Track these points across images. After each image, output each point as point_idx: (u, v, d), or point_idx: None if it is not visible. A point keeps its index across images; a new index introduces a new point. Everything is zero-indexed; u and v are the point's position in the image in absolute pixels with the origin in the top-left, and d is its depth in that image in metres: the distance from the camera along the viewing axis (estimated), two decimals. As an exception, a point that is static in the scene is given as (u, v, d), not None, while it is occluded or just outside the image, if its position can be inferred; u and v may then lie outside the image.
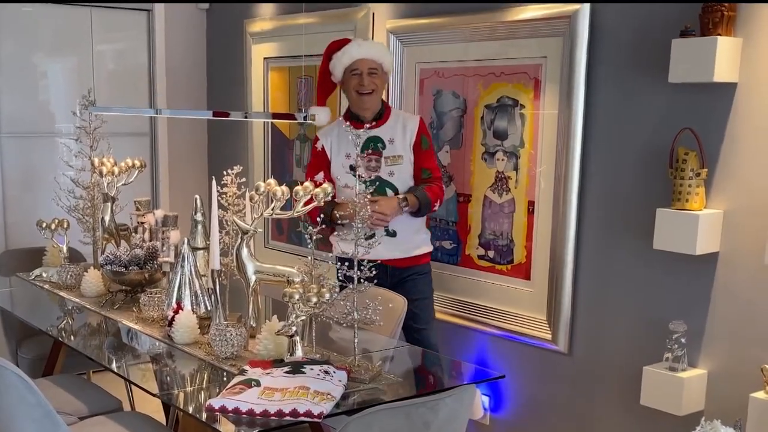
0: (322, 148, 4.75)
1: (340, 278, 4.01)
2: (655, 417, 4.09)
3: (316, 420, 2.99)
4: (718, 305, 3.89)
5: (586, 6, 4.23)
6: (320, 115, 4.48)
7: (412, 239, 4.72)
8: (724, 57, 3.63)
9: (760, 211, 3.69)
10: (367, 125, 4.09)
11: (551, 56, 4.44)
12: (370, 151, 4.53)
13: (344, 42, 4.65)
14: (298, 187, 3.82)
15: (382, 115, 4.66)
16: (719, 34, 3.62)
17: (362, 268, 3.47)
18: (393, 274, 4.66)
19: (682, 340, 3.90)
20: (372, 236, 3.92)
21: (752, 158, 3.72)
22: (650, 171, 4.07)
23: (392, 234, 4.61)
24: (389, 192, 4.60)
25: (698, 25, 3.72)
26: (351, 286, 3.47)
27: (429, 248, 4.83)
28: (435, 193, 4.62)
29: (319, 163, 4.75)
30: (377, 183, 4.50)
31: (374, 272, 3.88)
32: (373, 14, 5.43)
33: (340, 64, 4.58)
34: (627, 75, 4.14)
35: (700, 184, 3.80)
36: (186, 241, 4.09)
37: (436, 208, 4.66)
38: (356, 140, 3.92)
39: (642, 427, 4.20)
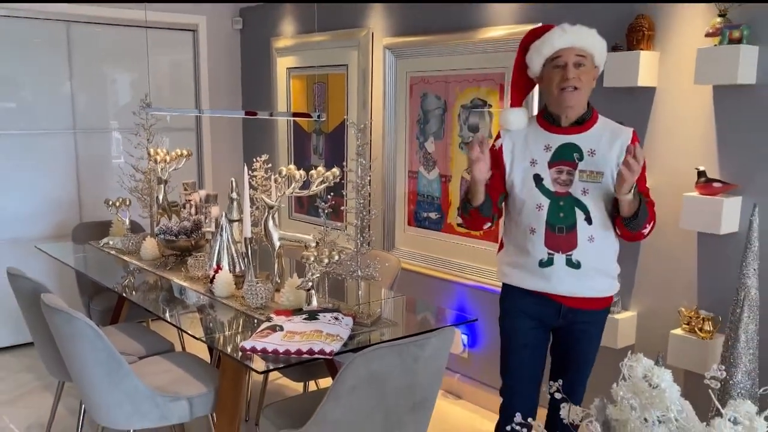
0: (500, 148, 3.19)
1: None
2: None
3: (328, 357, 3.00)
4: (645, 261, 3.90)
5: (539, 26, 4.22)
6: (513, 117, 3.18)
7: (598, 275, 3.12)
8: (646, 67, 3.69)
9: (675, 186, 3.71)
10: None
11: (512, 67, 4.42)
12: (560, 162, 3.07)
13: (544, 29, 3.13)
14: (313, 171, 3.83)
15: (585, 120, 3.10)
16: (641, 49, 3.70)
17: (364, 234, 3.48)
18: (566, 315, 3.18)
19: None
20: (550, 263, 3.07)
21: (668, 145, 3.73)
22: (593, 156, 4.07)
23: (575, 265, 3.06)
24: (578, 213, 3.04)
25: (625, 42, 3.78)
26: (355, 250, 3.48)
27: (616, 289, 3.24)
28: (651, 214, 3.06)
29: (492, 163, 3.11)
30: (563, 202, 3.05)
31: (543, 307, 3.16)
32: (372, 33, 5.40)
33: (538, 55, 3.09)
34: (574, 79, 4.14)
35: (631, 167, 3.82)
36: (224, 214, 4.10)
37: (646, 232, 3.07)
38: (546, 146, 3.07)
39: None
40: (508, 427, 2.14)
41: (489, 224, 3.24)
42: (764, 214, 3.38)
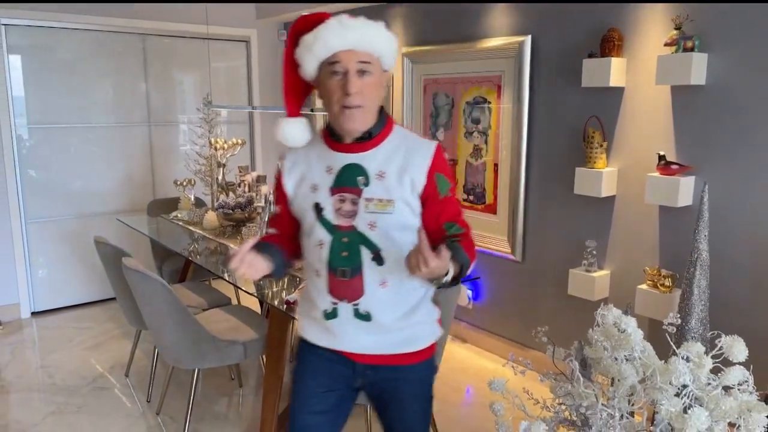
0: (279, 173, 2.07)
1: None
2: (577, 302, 4.11)
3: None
4: (616, 229, 3.89)
5: (529, 37, 4.20)
6: (290, 130, 2.04)
7: (399, 327, 1.98)
8: (616, 70, 3.66)
9: (641, 168, 3.69)
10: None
11: (507, 70, 4.39)
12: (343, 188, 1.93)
13: (319, 18, 1.89)
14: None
15: (374, 134, 1.93)
16: (612, 56, 3.66)
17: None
18: (364, 374, 2.03)
19: (594, 252, 3.91)
20: (334, 315, 1.97)
21: (635, 134, 3.70)
22: (571, 143, 4.05)
23: (364, 317, 1.95)
24: (365, 252, 1.91)
25: (599, 50, 3.75)
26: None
27: (430, 338, 2.05)
28: (473, 253, 1.94)
29: (277, 192, 2.09)
30: (346, 238, 1.91)
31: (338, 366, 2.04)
32: (392, 42, 5.37)
33: (311, 55, 1.88)
34: (555, 82, 4.10)
35: (603, 152, 3.79)
36: (272, 192, 4.11)
37: (468, 272, 1.92)
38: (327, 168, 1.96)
39: (569, 309, 4.22)
40: None
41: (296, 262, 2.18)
42: (713, 191, 3.37)
